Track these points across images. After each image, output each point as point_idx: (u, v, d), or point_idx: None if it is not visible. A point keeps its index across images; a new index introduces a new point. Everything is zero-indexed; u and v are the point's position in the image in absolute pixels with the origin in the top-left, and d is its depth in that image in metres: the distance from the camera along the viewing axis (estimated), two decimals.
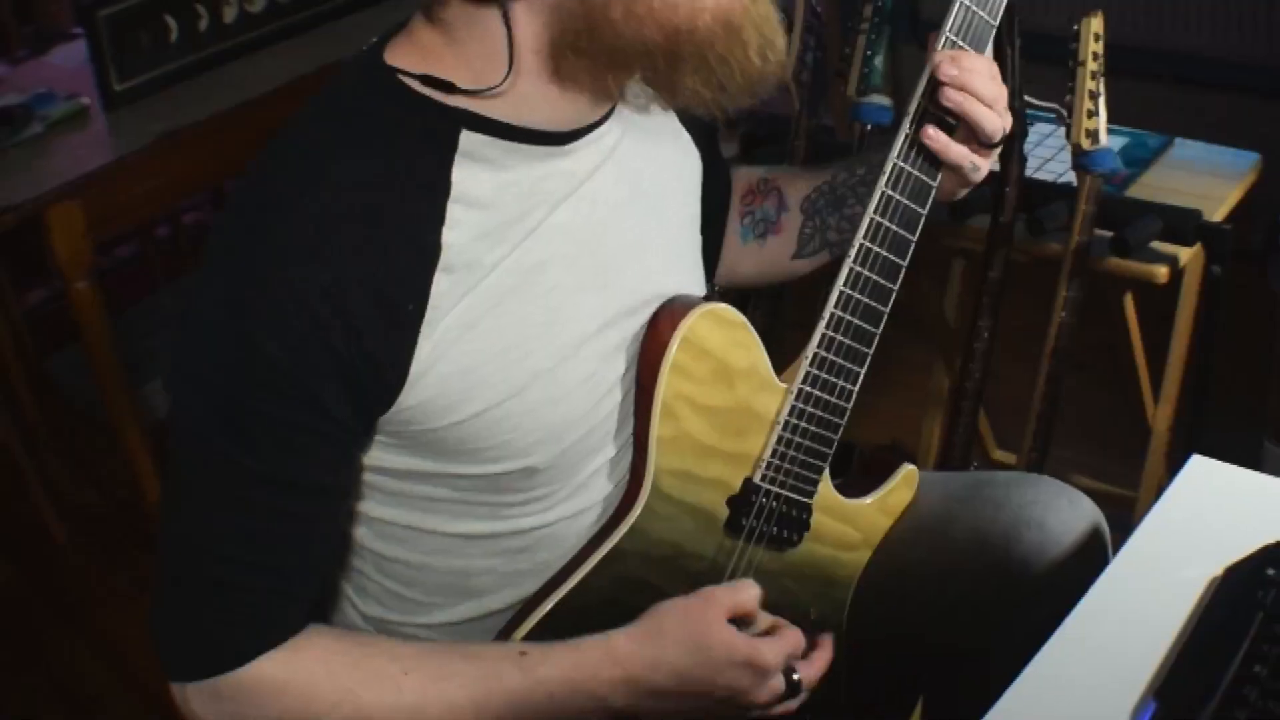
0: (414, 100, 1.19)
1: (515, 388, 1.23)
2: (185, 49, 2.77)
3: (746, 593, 1.30)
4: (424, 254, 1.17)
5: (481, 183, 1.19)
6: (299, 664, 1.23)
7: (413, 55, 1.20)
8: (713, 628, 1.26)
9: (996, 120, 1.35)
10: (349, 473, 1.25)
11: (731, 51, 1.17)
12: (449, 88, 1.18)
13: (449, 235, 1.17)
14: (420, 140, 1.18)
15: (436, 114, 1.18)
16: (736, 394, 1.35)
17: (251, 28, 2.84)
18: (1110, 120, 1.97)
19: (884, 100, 2.13)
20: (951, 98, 1.32)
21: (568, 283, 1.26)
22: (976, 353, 2.08)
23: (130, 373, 2.19)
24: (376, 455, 1.26)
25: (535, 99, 1.20)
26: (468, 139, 1.19)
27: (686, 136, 1.45)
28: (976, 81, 1.32)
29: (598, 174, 1.28)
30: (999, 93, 1.35)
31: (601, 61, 1.17)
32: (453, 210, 1.18)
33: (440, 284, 1.17)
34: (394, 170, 1.16)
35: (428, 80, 1.18)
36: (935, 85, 1.33)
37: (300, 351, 1.13)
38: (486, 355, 1.21)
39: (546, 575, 1.35)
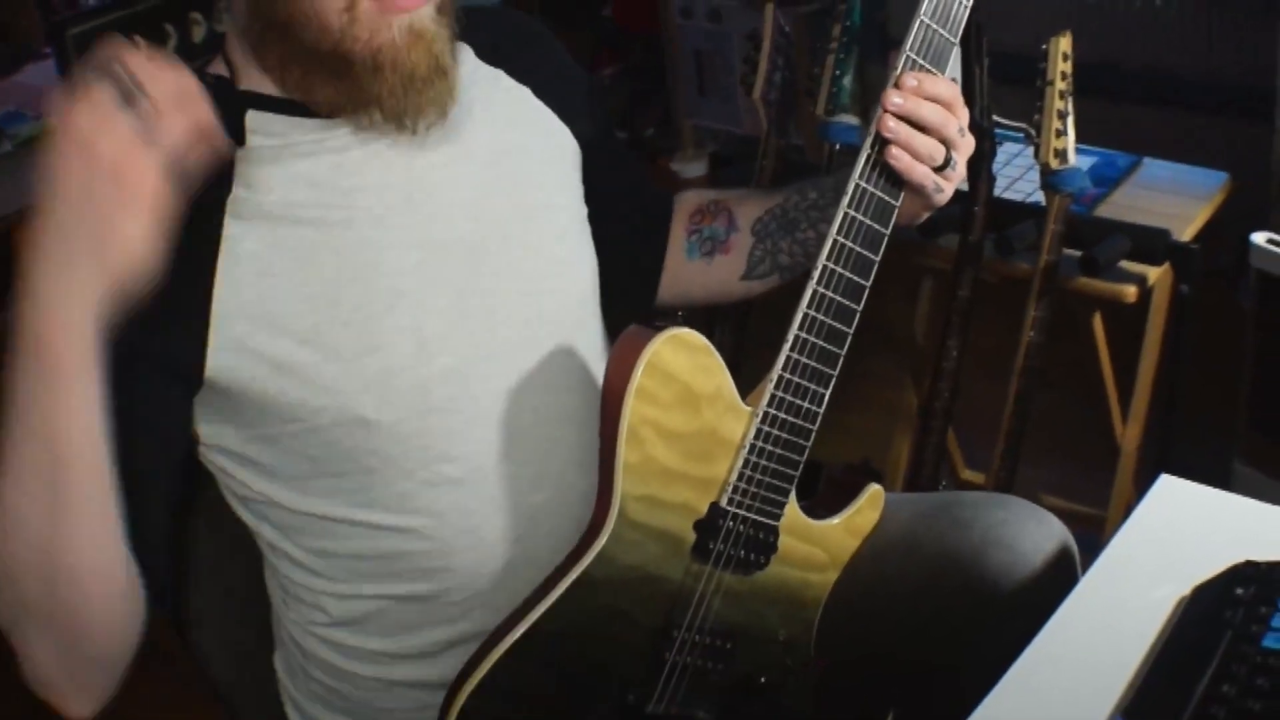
0: (211, 92, 1.32)
1: (324, 334, 1.32)
2: None
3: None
4: (215, 206, 1.31)
5: (267, 149, 1.34)
6: None
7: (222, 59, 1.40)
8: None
9: (933, 148, 1.36)
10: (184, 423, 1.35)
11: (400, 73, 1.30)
12: (220, 78, 1.37)
13: (240, 191, 1.33)
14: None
15: (228, 99, 1.33)
16: (702, 418, 1.34)
17: (220, 47, 2.83)
18: (1079, 140, 1.98)
19: (852, 120, 2.14)
20: (887, 124, 1.34)
21: (376, 238, 1.35)
22: (945, 372, 2.09)
23: None
24: (217, 431, 1.36)
25: (279, 81, 1.35)
26: (253, 117, 1.35)
27: (548, 111, 1.51)
28: (922, 109, 1.34)
29: (401, 138, 1.36)
30: (944, 119, 1.36)
31: (288, 57, 1.33)
32: (242, 168, 1.34)
33: (230, 228, 1.32)
34: None
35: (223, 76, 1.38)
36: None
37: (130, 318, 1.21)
38: (289, 300, 1.32)
39: (451, 561, 1.39)
